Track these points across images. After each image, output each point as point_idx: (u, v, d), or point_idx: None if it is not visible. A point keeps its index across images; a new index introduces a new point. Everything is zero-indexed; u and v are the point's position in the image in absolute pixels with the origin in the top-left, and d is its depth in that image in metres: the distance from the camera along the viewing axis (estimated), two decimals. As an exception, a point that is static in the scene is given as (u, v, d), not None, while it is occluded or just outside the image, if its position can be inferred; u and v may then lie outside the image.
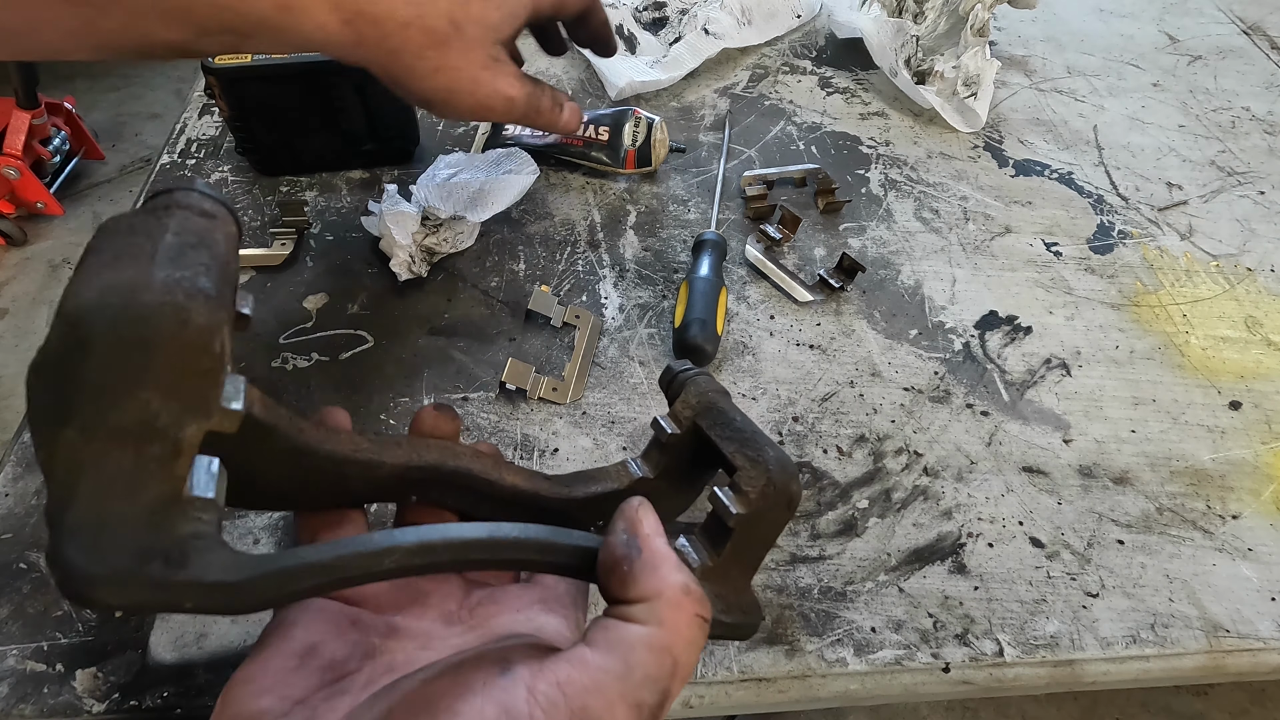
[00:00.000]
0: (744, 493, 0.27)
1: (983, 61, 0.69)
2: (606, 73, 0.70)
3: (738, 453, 0.29)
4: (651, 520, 0.24)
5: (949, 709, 1.10)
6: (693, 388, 0.32)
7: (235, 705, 0.23)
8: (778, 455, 0.28)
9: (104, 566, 0.17)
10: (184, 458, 0.19)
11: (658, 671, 0.20)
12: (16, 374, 1.44)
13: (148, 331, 0.18)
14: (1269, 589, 0.42)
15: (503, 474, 0.30)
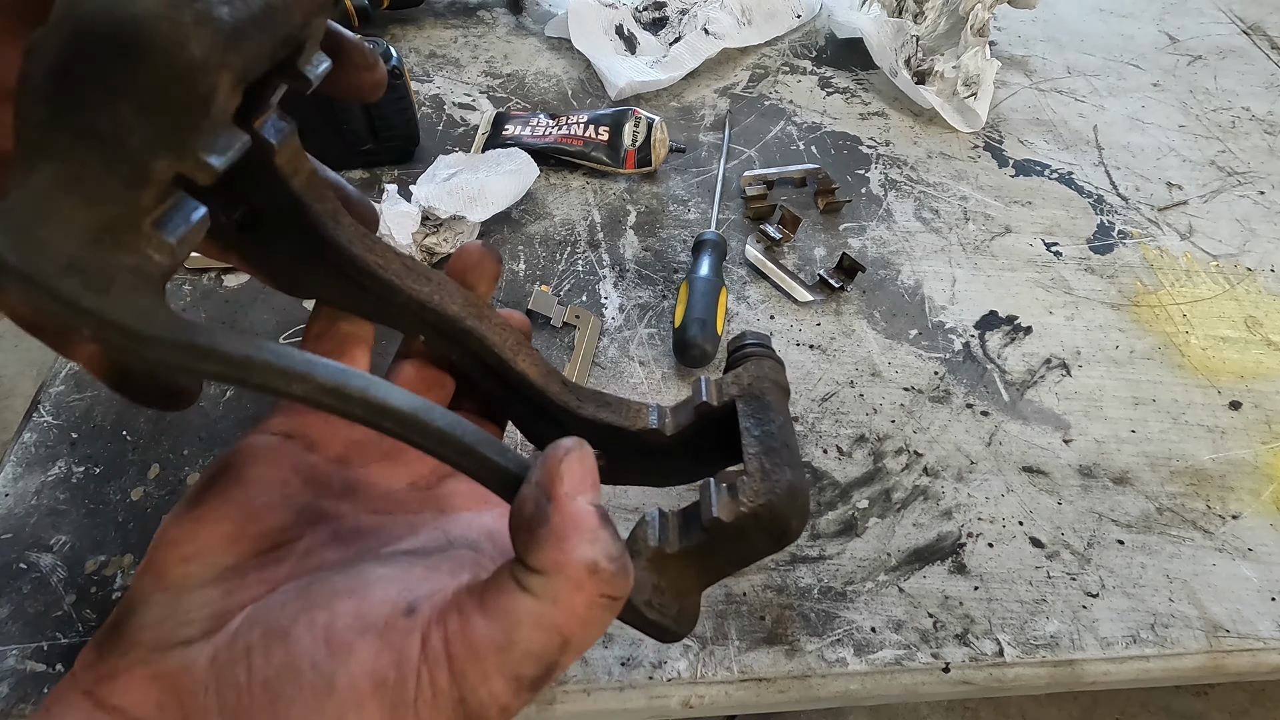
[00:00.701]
0: (738, 500, 0.24)
1: (983, 61, 0.69)
2: (606, 73, 0.70)
3: (756, 457, 0.26)
4: (577, 475, 0.20)
5: (949, 709, 1.09)
6: (753, 367, 0.29)
7: (158, 567, 0.21)
8: (795, 482, 0.25)
9: (20, 257, 0.16)
10: (150, 189, 0.18)
11: (542, 649, 0.19)
12: (17, 374, 1.44)
13: (136, 39, 0.17)
14: (1269, 589, 0.42)
15: (518, 358, 0.27)
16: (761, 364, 0.30)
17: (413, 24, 0.78)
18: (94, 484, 0.43)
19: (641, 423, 0.29)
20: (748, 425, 0.27)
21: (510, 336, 0.27)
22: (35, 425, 0.45)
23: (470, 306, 0.27)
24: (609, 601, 0.20)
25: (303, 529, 0.23)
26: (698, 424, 0.29)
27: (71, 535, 0.41)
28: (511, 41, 0.76)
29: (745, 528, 0.24)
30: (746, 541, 0.25)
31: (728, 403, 0.28)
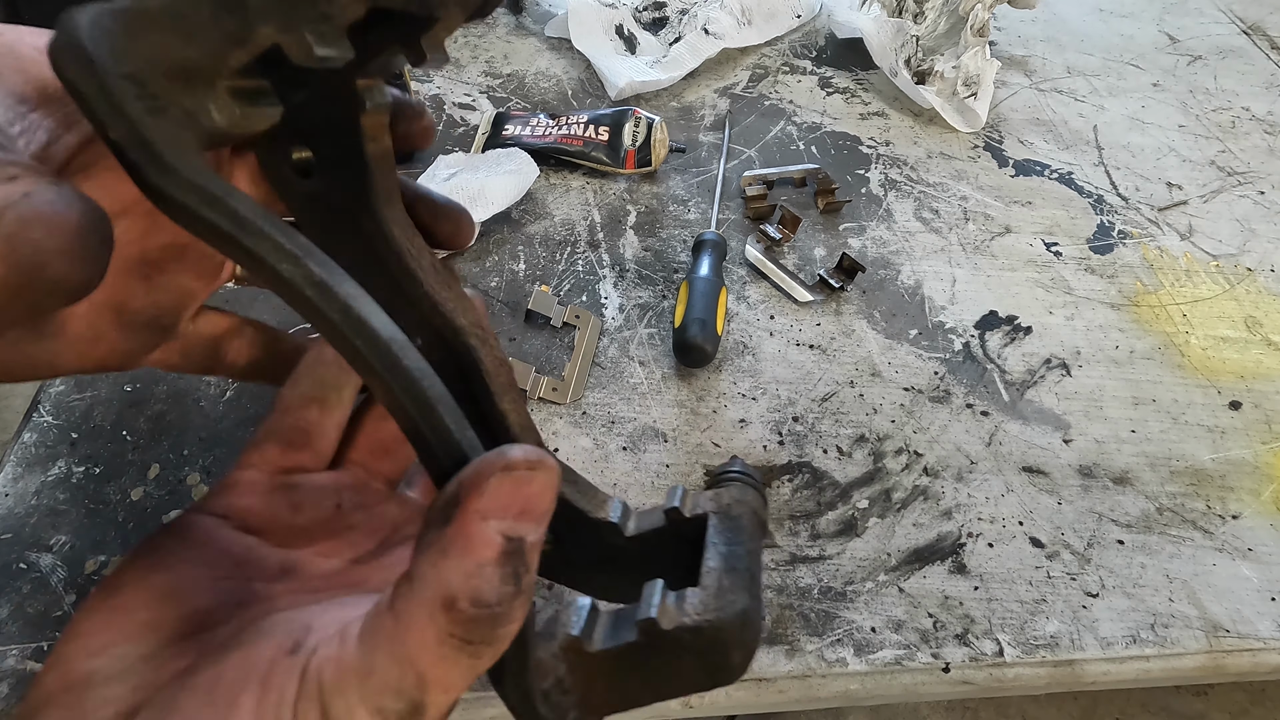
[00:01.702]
0: (682, 609, 0.21)
1: (983, 61, 0.69)
2: (606, 73, 0.70)
3: (715, 572, 0.23)
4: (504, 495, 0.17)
5: (949, 709, 1.10)
6: (736, 491, 0.27)
7: (64, 664, 0.19)
8: (751, 612, 0.22)
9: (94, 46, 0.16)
10: (244, 50, 0.18)
11: (398, 682, 0.17)
12: (16, 374, 1.44)
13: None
14: (1269, 589, 0.42)
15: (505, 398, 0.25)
16: (745, 491, 0.28)
17: (413, 24, 0.78)
18: (94, 484, 0.43)
19: (602, 512, 0.26)
20: (715, 540, 0.25)
21: (505, 373, 0.26)
22: (35, 425, 0.45)
23: (478, 328, 0.25)
24: (463, 644, 0.17)
25: (230, 612, 0.21)
26: (661, 532, 0.26)
27: (71, 535, 0.41)
28: (511, 41, 0.76)
29: (682, 643, 0.21)
30: (678, 661, 0.22)
31: (699, 516, 0.26)
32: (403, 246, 0.24)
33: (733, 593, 0.22)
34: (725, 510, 0.26)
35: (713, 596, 0.22)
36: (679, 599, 0.22)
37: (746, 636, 0.22)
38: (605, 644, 0.21)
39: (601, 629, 0.22)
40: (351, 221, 0.24)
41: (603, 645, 0.21)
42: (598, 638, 0.22)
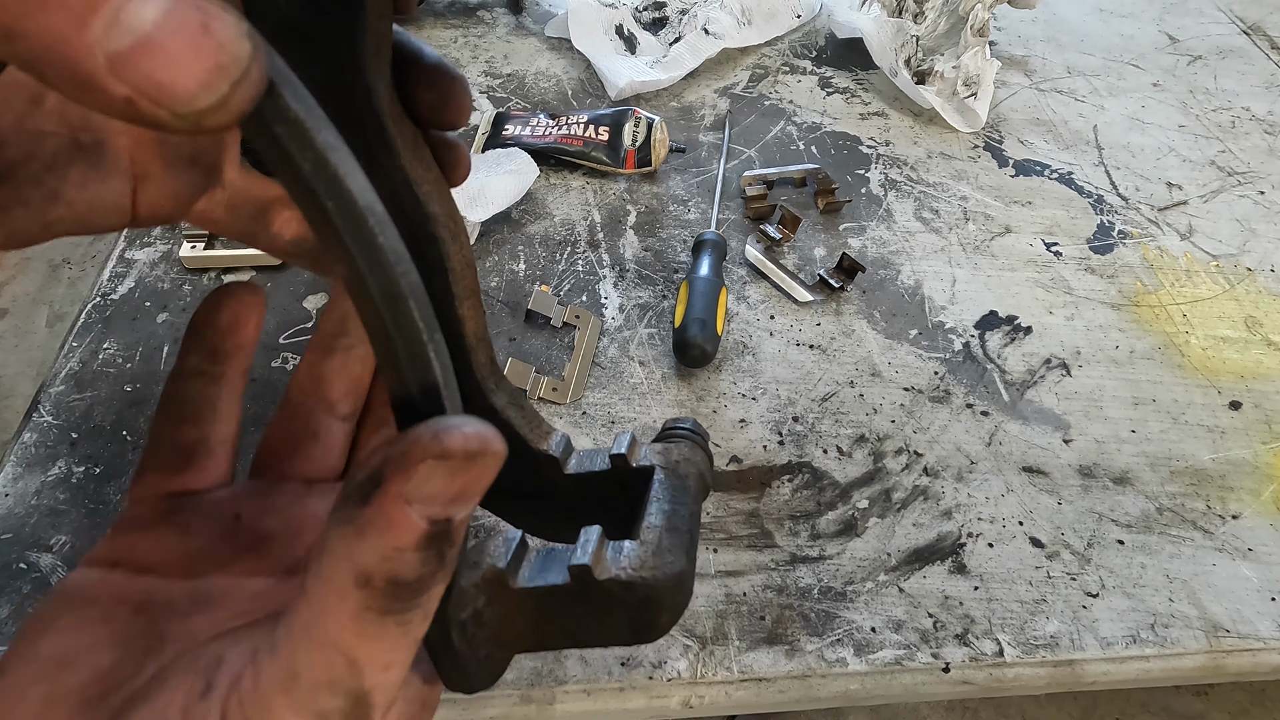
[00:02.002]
0: (618, 562, 0.21)
1: (983, 61, 0.69)
2: (606, 73, 0.70)
3: (656, 529, 0.22)
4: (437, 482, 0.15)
5: (949, 709, 1.09)
6: (686, 449, 0.26)
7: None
8: (686, 575, 0.22)
9: None
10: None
11: (329, 674, 0.15)
12: (17, 374, 1.44)
13: None
14: (1269, 589, 0.42)
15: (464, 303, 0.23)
16: (695, 450, 0.27)
17: (413, 24, 0.78)
18: (94, 484, 0.43)
19: (544, 444, 0.25)
20: (659, 496, 0.24)
21: (470, 277, 0.23)
22: (35, 425, 0.45)
23: (450, 220, 0.23)
24: (383, 615, 0.15)
25: (139, 663, 0.19)
26: (603, 477, 0.25)
27: (71, 535, 0.41)
28: (511, 41, 0.76)
29: (612, 595, 0.20)
30: (604, 612, 0.21)
31: (646, 469, 0.25)
32: (384, 107, 0.21)
33: (671, 553, 0.22)
34: (673, 467, 0.25)
35: (651, 554, 0.21)
36: (616, 550, 0.21)
37: (678, 599, 0.21)
38: (531, 582, 0.20)
39: (529, 566, 0.21)
40: (330, 67, 0.21)
41: (528, 583, 0.20)
42: (524, 574, 0.21)
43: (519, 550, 0.21)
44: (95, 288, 0.53)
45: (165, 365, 0.48)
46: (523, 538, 0.22)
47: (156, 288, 0.53)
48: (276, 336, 0.50)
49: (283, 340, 0.50)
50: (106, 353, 0.49)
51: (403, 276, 0.16)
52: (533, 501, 0.26)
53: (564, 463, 0.25)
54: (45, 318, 1.56)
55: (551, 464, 0.25)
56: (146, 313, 0.51)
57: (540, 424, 0.26)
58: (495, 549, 0.21)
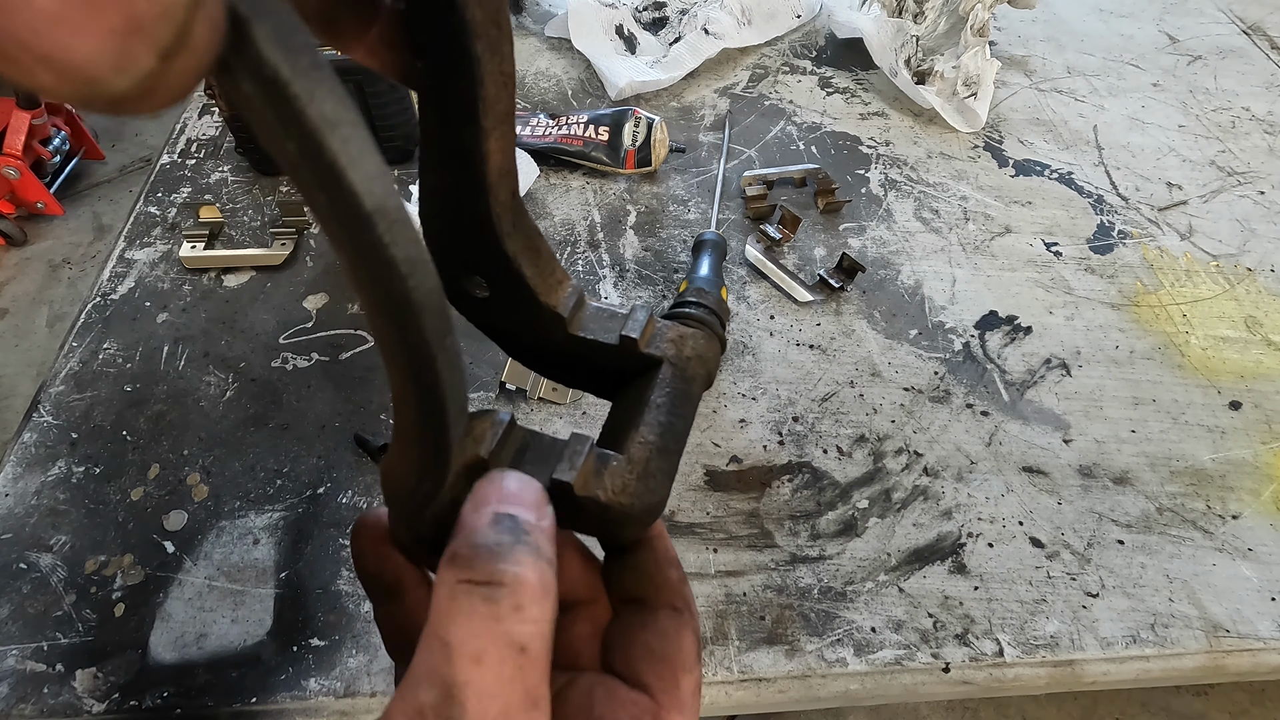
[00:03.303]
0: (601, 480, 0.20)
1: (983, 61, 0.69)
2: (606, 73, 0.70)
3: (648, 446, 0.22)
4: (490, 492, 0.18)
5: (949, 709, 1.09)
6: (702, 343, 0.25)
7: None
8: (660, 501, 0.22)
9: None
10: None
11: (428, 663, 0.16)
12: (17, 374, 1.44)
13: None
14: (1269, 589, 0.42)
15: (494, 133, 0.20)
16: (711, 343, 0.25)
17: (413, 24, 0.78)
18: (94, 484, 0.43)
19: (552, 299, 0.24)
20: (660, 402, 0.23)
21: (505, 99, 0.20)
22: (35, 425, 0.45)
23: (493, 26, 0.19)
24: (473, 588, 0.16)
25: None
26: (609, 350, 0.24)
27: (71, 535, 0.41)
28: (511, 41, 0.76)
29: (587, 509, 0.20)
30: (575, 513, 0.21)
31: (652, 358, 0.24)
32: None
33: (655, 478, 0.21)
34: (683, 365, 0.24)
35: (636, 479, 0.21)
36: (601, 464, 0.21)
37: (647, 520, 0.21)
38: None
39: (511, 453, 0.21)
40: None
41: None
42: (505, 460, 0.20)
43: (506, 436, 0.21)
44: (95, 288, 0.53)
45: (165, 365, 0.48)
46: (511, 421, 0.21)
47: (156, 288, 0.53)
48: (276, 336, 0.50)
49: (283, 340, 0.50)
50: (106, 353, 0.49)
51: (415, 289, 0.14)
52: (537, 341, 0.25)
53: (570, 322, 0.24)
54: (45, 318, 1.56)
55: (556, 321, 0.24)
56: (146, 313, 0.51)
57: (553, 273, 0.24)
58: (483, 434, 0.20)
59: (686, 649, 0.22)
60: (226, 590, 0.39)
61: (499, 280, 0.24)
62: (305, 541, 0.41)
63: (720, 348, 0.27)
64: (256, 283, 0.53)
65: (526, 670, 0.16)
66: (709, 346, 0.25)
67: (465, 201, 0.22)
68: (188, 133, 0.65)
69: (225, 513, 0.42)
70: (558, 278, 0.24)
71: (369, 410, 0.46)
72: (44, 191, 1.65)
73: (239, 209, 0.58)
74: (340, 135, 0.12)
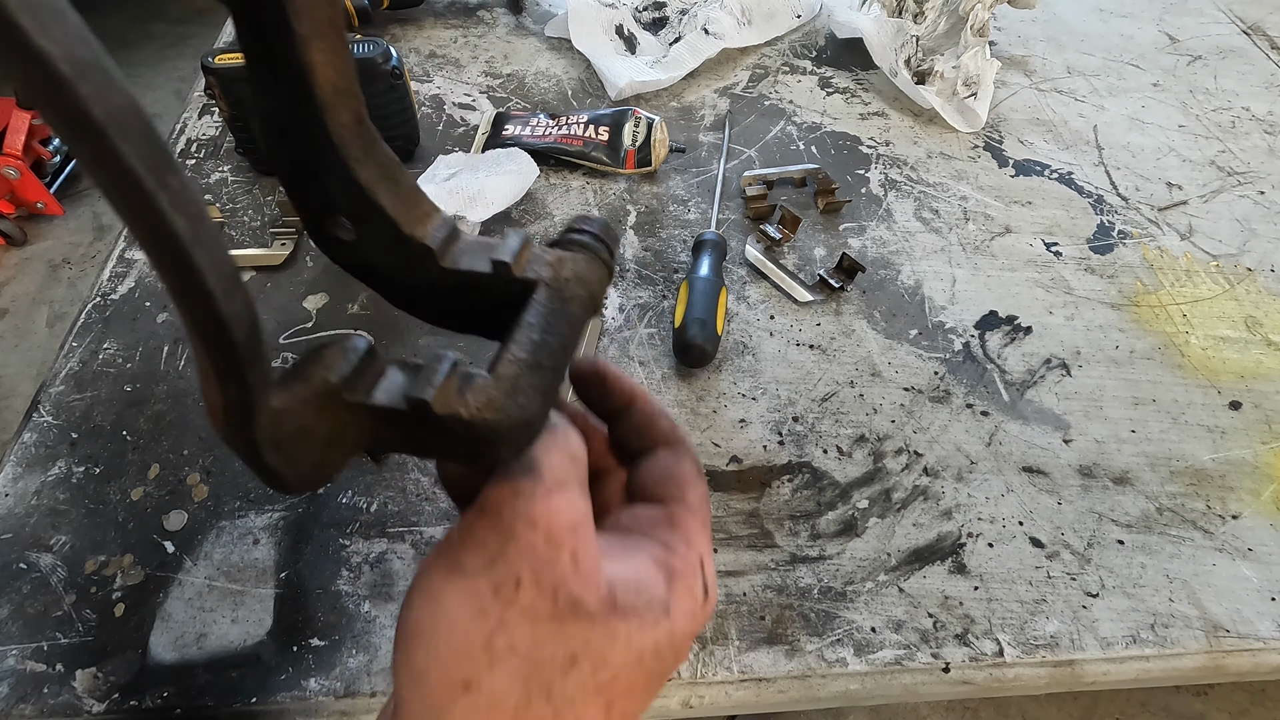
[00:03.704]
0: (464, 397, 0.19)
1: (983, 61, 0.69)
2: (606, 73, 0.70)
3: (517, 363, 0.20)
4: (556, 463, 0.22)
5: (949, 709, 1.09)
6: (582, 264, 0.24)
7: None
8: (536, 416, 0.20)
9: None
10: None
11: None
12: (17, 374, 1.44)
13: None
14: (1269, 589, 0.42)
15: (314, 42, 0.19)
16: (592, 266, 0.24)
17: (413, 24, 0.78)
18: (94, 484, 0.43)
19: (418, 230, 0.22)
20: (532, 321, 0.22)
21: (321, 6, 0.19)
22: (35, 425, 0.45)
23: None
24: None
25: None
26: (484, 280, 0.23)
27: (71, 535, 0.41)
28: (511, 41, 0.76)
29: (452, 430, 0.19)
30: (441, 439, 0.20)
31: (529, 281, 0.23)
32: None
33: (525, 394, 0.20)
34: (560, 287, 0.23)
35: (503, 394, 0.20)
36: (465, 383, 0.20)
37: (522, 438, 0.20)
38: (369, 399, 0.19)
39: (371, 380, 0.20)
40: None
41: (366, 399, 0.19)
42: (363, 390, 0.19)
43: (363, 363, 0.20)
44: (95, 288, 0.53)
45: (165, 365, 0.48)
46: (370, 348, 0.20)
47: (156, 287, 0.53)
48: (277, 336, 0.50)
49: (283, 340, 0.50)
50: (106, 353, 0.49)
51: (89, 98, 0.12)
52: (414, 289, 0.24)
53: (442, 255, 0.23)
54: (45, 318, 1.56)
55: (426, 254, 0.23)
56: (146, 313, 0.51)
57: (419, 204, 0.23)
58: (334, 360, 0.19)
59: (686, 469, 0.26)
60: (226, 590, 0.39)
61: (360, 216, 0.22)
62: (305, 541, 0.41)
63: (607, 273, 0.25)
64: (256, 283, 0.53)
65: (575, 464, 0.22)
66: (591, 269, 0.24)
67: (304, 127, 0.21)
68: (188, 133, 0.65)
69: (225, 513, 0.42)
70: (424, 210, 0.23)
71: (369, 410, 0.46)
72: (44, 191, 1.65)
73: (239, 209, 0.58)
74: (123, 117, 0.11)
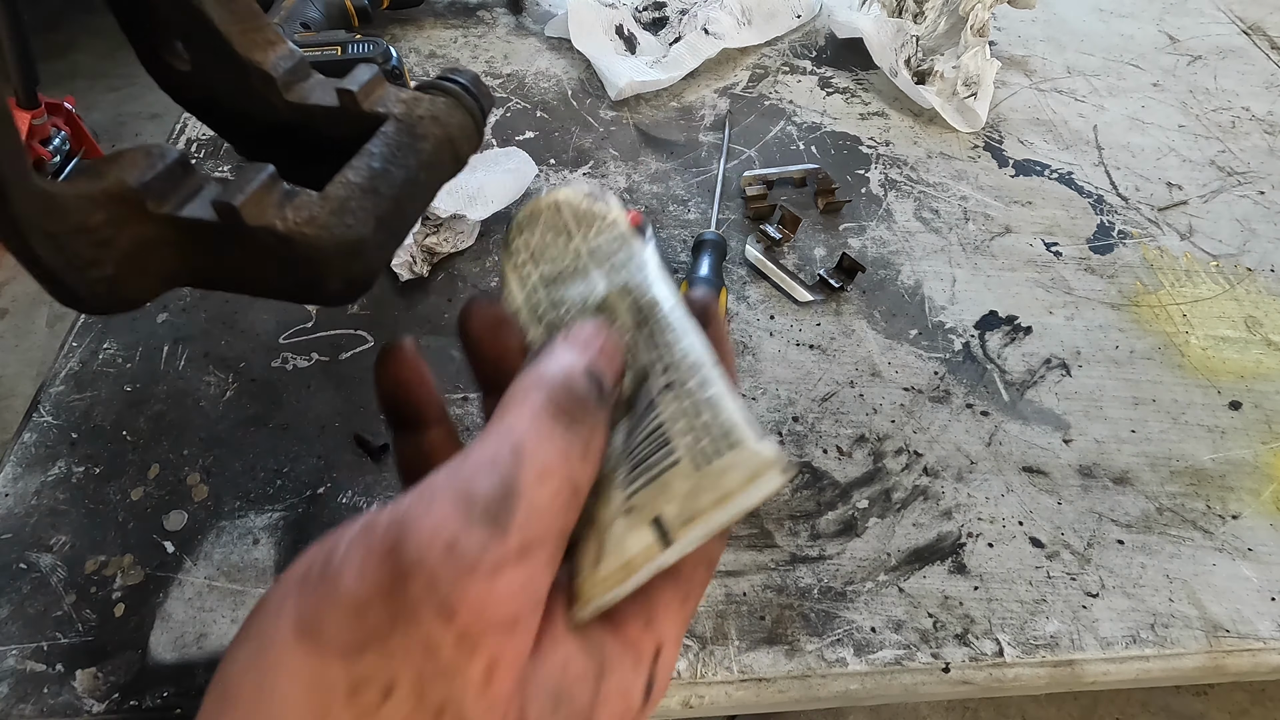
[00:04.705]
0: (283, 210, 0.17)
1: (983, 61, 0.69)
2: (606, 73, 0.70)
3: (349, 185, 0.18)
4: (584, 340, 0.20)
5: (949, 709, 1.09)
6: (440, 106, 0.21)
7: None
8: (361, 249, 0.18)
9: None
10: None
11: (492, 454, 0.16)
12: (17, 374, 1.44)
13: None
14: (1269, 589, 0.42)
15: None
16: (453, 111, 0.22)
17: (413, 24, 0.78)
18: (94, 484, 0.43)
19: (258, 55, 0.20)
20: (375, 150, 0.19)
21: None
22: (35, 425, 0.45)
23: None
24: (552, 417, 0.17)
25: None
26: (329, 113, 0.21)
27: (71, 535, 0.41)
28: (511, 41, 0.76)
29: (266, 246, 0.17)
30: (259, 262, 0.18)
31: (378, 115, 0.21)
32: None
33: (354, 215, 0.18)
34: (411, 124, 0.21)
35: (328, 212, 0.18)
36: (285, 196, 0.18)
37: (353, 268, 0.19)
38: (173, 210, 0.17)
39: (181, 192, 0.18)
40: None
41: (170, 210, 0.17)
42: (170, 198, 0.17)
43: (170, 173, 0.18)
44: (95, 288, 0.53)
45: (165, 365, 0.48)
46: (181, 159, 0.18)
47: (156, 288, 0.53)
48: (276, 336, 0.50)
49: (283, 340, 0.50)
50: (106, 353, 0.49)
51: None
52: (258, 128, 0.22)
53: (286, 88, 0.21)
54: (45, 318, 1.56)
55: (268, 83, 0.21)
56: (146, 313, 0.51)
57: (260, 30, 0.21)
58: (134, 162, 0.17)
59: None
60: (226, 590, 0.39)
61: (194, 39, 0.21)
62: (305, 541, 0.41)
63: (470, 121, 0.23)
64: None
65: (571, 508, 0.17)
66: (450, 112, 0.22)
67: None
68: (187, 133, 0.65)
69: (225, 513, 0.42)
70: (267, 37, 0.21)
71: (369, 410, 0.46)
72: (44, 191, 1.65)
73: (239, 209, 0.58)
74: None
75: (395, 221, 0.19)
